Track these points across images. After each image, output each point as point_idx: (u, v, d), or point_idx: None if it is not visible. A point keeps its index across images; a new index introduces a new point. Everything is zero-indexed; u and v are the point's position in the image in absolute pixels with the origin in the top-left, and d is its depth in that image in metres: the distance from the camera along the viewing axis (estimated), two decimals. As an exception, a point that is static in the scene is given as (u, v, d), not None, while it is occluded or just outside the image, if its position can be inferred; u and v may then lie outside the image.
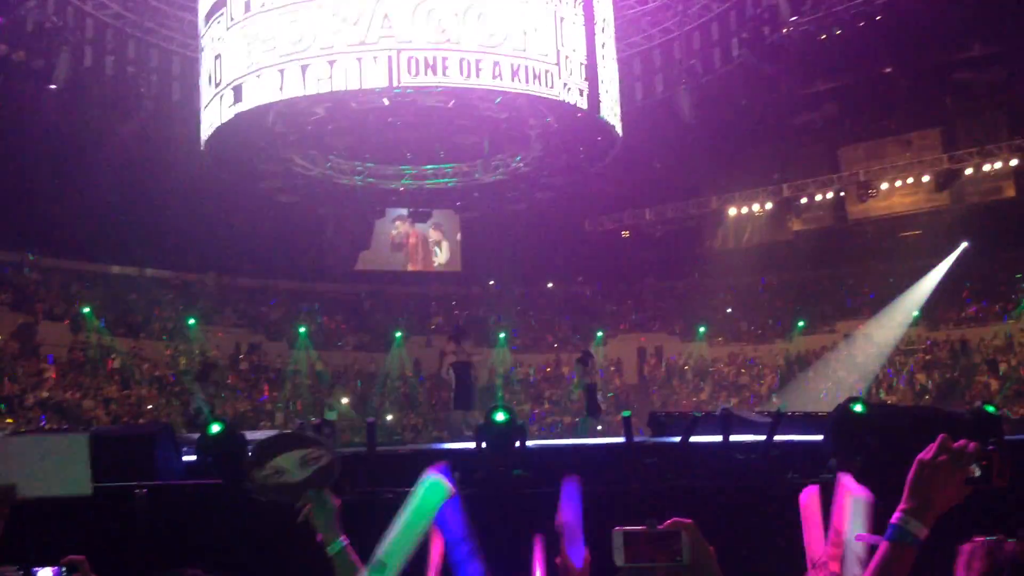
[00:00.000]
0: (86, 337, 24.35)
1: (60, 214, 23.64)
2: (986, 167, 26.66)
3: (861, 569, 2.62)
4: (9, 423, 19.30)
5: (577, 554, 2.45)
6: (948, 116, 28.61)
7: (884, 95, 27.68)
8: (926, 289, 27.34)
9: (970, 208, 28.00)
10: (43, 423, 19.66)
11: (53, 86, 18.81)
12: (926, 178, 27.73)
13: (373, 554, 2.46)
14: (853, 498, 2.73)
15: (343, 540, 2.65)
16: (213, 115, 18.19)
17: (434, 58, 16.14)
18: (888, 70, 27.21)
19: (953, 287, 27.56)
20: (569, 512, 2.59)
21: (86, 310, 24.52)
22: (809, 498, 3.03)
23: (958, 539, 2.58)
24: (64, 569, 2.88)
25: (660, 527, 1.94)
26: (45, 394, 21.38)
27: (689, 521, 1.94)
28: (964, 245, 27.31)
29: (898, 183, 28.20)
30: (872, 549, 2.09)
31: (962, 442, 1.92)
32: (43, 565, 2.99)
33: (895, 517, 1.90)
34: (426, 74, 16.15)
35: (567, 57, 17.39)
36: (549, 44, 17.24)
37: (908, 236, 29.90)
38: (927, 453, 1.93)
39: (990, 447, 1.92)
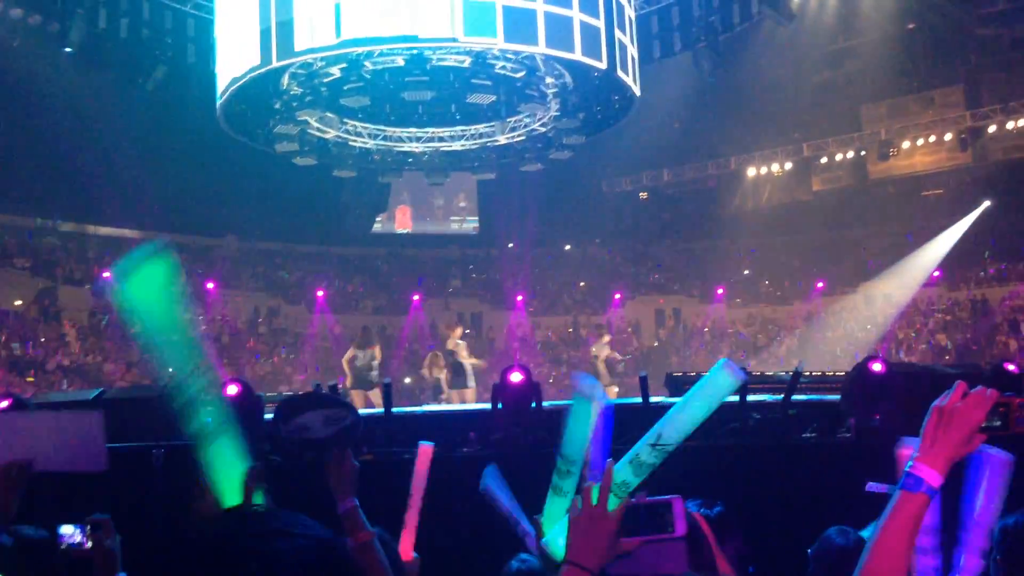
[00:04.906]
0: (106, 301, 24.53)
1: (78, 179, 23.72)
2: (1010, 124, 26.29)
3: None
4: (30, 381, 19.53)
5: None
6: (971, 73, 28.17)
7: (907, 51, 27.26)
8: (945, 247, 27.10)
9: (993, 166, 27.66)
10: (65, 387, 19.86)
11: (68, 49, 18.76)
12: (948, 136, 27.38)
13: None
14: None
15: (352, 501, 2.70)
16: (228, 77, 18.15)
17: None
18: (911, 26, 26.78)
19: (974, 246, 27.28)
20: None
21: (106, 275, 24.67)
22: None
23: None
24: (89, 528, 2.92)
25: (648, 499, 1.84)
26: (66, 360, 21.58)
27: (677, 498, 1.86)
28: (986, 203, 26.99)
29: (920, 141, 27.85)
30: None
31: (980, 389, 1.89)
32: (66, 523, 3.03)
33: (909, 464, 1.88)
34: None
35: (584, 15, 17.23)
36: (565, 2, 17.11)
37: (930, 195, 29.60)
38: (943, 400, 1.90)
39: (1008, 394, 1.88)
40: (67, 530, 2.98)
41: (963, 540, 2.53)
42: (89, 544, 2.92)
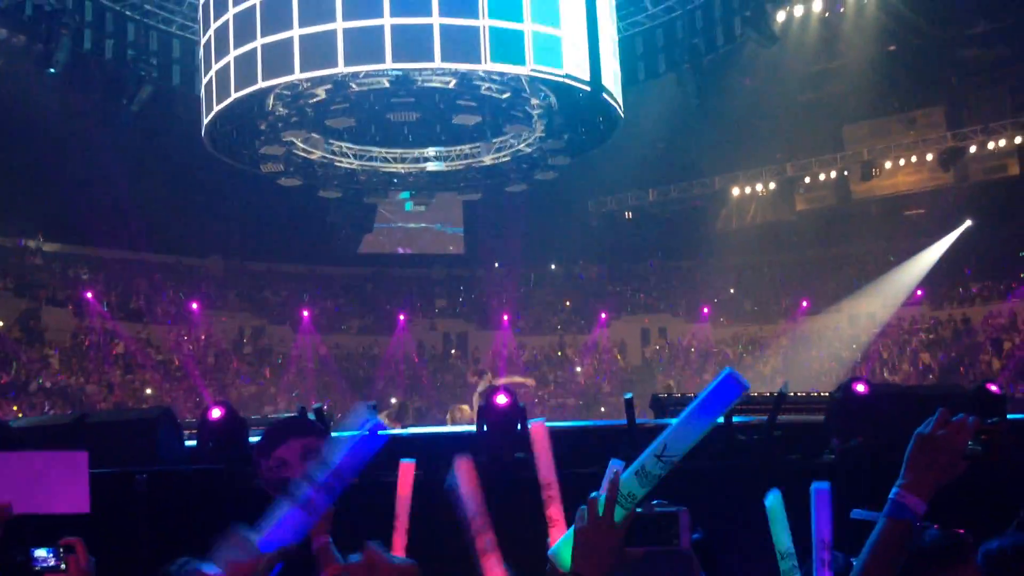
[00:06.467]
0: (89, 322, 24.40)
1: (62, 199, 23.63)
2: (990, 145, 26.49)
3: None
4: (15, 409, 19.37)
5: None
6: (952, 94, 28.48)
7: (888, 73, 27.52)
8: (925, 265, 27.29)
9: (974, 186, 27.90)
10: (48, 409, 19.72)
11: (52, 70, 18.72)
12: (930, 156, 27.60)
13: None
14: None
15: (325, 539, 2.69)
16: (213, 98, 18.12)
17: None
18: (892, 47, 27.04)
19: (957, 265, 27.47)
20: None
21: (89, 295, 24.56)
22: None
23: (960, 519, 2.56)
24: (61, 550, 2.93)
25: (655, 510, 1.86)
26: (48, 382, 21.43)
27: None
28: (968, 223, 27.22)
29: (902, 161, 28.08)
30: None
31: (962, 417, 1.90)
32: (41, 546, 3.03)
33: (893, 492, 1.89)
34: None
35: (568, 36, 17.32)
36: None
37: (912, 214, 29.82)
38: (926, 427, 1.91)
39: (990, 421, 1.90)
40: (41, 554, 2.99)
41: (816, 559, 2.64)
42: (63, 566, 2.92)
